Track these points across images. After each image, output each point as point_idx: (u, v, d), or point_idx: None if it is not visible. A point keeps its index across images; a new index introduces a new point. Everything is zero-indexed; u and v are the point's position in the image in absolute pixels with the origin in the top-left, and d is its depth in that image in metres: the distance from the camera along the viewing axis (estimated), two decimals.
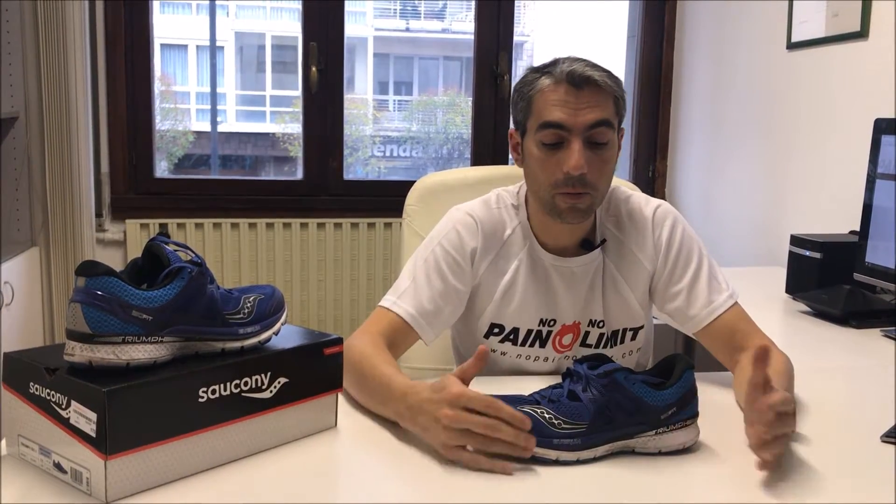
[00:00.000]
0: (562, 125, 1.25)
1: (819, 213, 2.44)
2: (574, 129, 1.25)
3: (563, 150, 1.26)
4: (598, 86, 1.26)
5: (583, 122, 1.25)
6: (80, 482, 0.88)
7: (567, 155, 1.25)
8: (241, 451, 0.99)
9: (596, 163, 1.26)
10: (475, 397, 0.98)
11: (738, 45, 2.90)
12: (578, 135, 1.25)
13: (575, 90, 1.25)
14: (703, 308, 1.32)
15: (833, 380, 1.42)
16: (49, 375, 0.90)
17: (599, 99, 1.26)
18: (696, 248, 1.37)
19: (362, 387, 1.17)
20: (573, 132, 1.25)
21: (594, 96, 1.25)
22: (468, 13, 3.50)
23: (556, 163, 1.27)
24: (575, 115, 1.25)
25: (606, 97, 1.27)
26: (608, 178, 1.31)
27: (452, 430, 0.97)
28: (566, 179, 1.26)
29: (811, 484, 0.97)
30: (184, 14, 3.72)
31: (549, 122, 1.26)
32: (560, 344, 1.40)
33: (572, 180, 1.25)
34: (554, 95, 1.26)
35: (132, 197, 2.99)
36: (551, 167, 1.27)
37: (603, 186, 1.30)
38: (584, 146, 1.25)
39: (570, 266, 1.37)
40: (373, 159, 3.76)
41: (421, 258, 1.37)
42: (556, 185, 1.27)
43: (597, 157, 1.27)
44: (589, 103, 1.25)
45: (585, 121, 1.25)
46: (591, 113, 1.25)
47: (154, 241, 0.96)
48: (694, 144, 3.21)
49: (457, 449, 0.98)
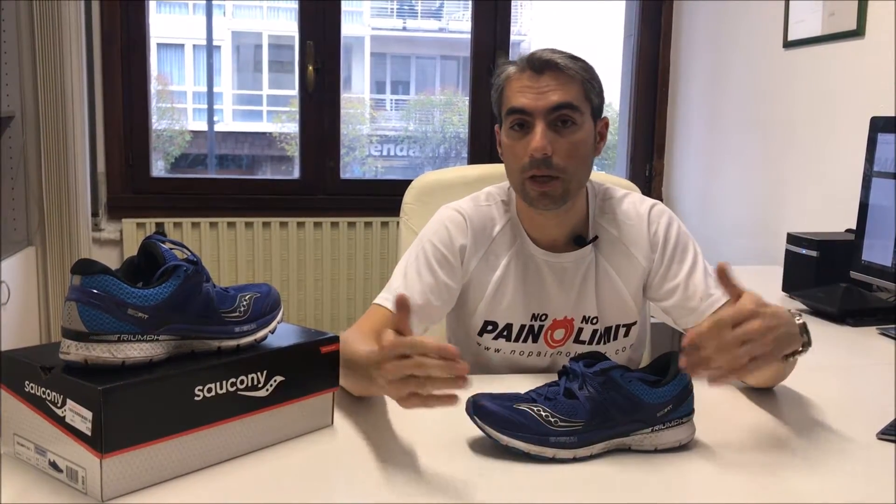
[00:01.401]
0: (523, 110, 1.28)
1: (816, 212, 2.44)
2: (535, 112, 1.27)
3: (528, 134, 1.28)
4: (560, 69, 1.28)
5: (544, 105, 1.27)
6: (75, 481, 0.88)
7: (531, 138, 1.27)
8: (237, 449, 0.99)
9: (563, 145, 1.28)
10: (401, 343, 0.94)
11: (735, 44, 2.90)
12: (541, 118, 1.27)
13: (536, 75, 1.28)
14: (702, 300, 1.33)
15: (830, 378, 1.42)
16: (44, 374, 0.89)
17: (561, 82, 1.28)
18: (690, 245, 1.38)
19: (345, 373, 1.16)
20: (535, 115, 1.27)
21: (555, 79, 1.28)
22: (465, 12, 3.50)
23: (522, 147, 1.29)
24: (536, 99, 1.27)
25: (570, 80, 1.28)
26: (580, 162, 1.31)
27: (396, 382, 0.95)
28: (532, 162, 1.27)
29: (807, 481, 0.97)
30: (180, 13, 3.72)
31: (514, 107, 1.29)
32: (552, 339, 1.40)
33: (537, 162, 1.27)
34: (518, 83, 1.30)
35: (129, 196, 2.99)
36: (518, 152, 1.29)
37: (574, 169, 1.29)
38: (548, 129, 1.27)
39: (562, 261, 1.37)
40: (370, 158, 3.76)
41: (412, 255, 1.38)
42: (524, 169, 1.29)
43: (563, 139, 1.28)
44: (550, 86, 1.27)
45: (547, 103, 1.27)
46: (553, 95, 1.27)
47: (150, 240, 0.96)
48: (691, 143, 3.22)
49: (408, 398, 0.94)
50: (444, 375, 0.92)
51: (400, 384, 0.94)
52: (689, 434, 1.06)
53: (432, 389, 0.93)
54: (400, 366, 0.94)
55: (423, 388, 0.93)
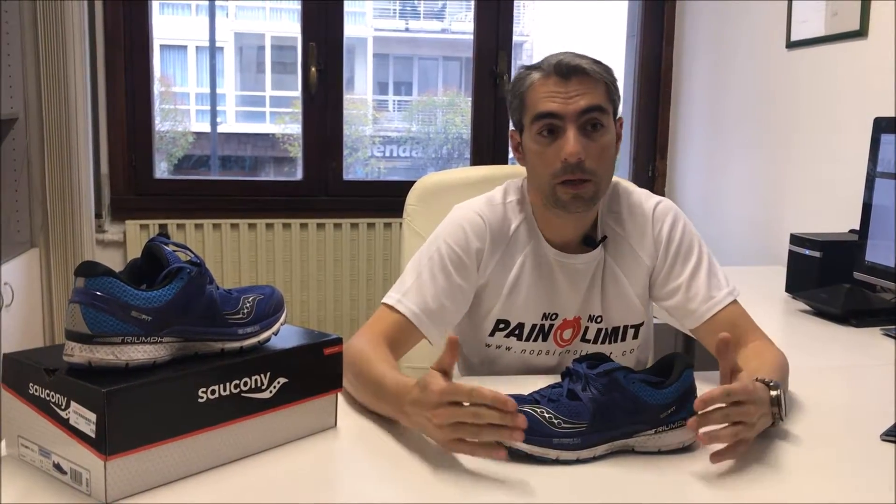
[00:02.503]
0: (555, 114, 1.28)
1: (819, 212, 2.44)
2: (567, 116, 1.27)
3: (558, 139, 1.28)
4: (587, 73, 1.28)
5: (575, 109, 1.27)
6: (79, 483, 0.88)
7: (563, 143, 1.27)
8: (240, 451, 0.99)
9: (593, 149, 1.28)
10: (457, 390, 0.96)
11: (738, 45, 2.90)
12: (572, 122, 1.27)
13: (564, 80, 1.28)
14: (702, 303, 1.33)
15: (833, 379, 1.42)
16: (48, 376, 0.90)
17: (589, 86, 1.28)
18: (696, 244, 1.38)
19: (359, 386, 1.17)
20: (566, 120, 1.27)
21: (583, 84, 1.28)
22: (467, 13, 3.49)
23: (553, 153, 1.28)
24: (566, 104, 1.27)
25: (596, 83, 1.29)
26: (608, 165, 1.32)
27: (445, 427, 0.97)
28: (564, 168, 1.27)
29: (810, 483, 0.97)
30: (183, 15, 3.72)
31: (543, 112, 1.29)
32: (561, 338, 1.40)
33: (570, 167, 1.27)
34: (544, 88, 1.29)
35: (132, 198, 2.99)
36: (549, 158, 1.29)
37: (603, 172, 1.30)
38: (578, 133, 1.27)
39: (574, 263, 1.37)
40: (372, 160, 3.76)
41: (426, 255, 1.37)
42: (556, 174, 1.29)
43: (594, 143, 1.28)
44: (578, 91, 1.28)
45: (577, 107, 1.27)
46: (583, 99, 1.27)
47: (153, 242, 0.96)
48: (694, 144, 3.21)
49: (455, 442, 0.97)
50: (501, 423, 0.93)
51: (450, 430, 0.96)
52: (692, 436, 1.05)
53: (490, 436, 0.95)
54: (452, 413, 0.96)
55: (477, 437, 0.95)
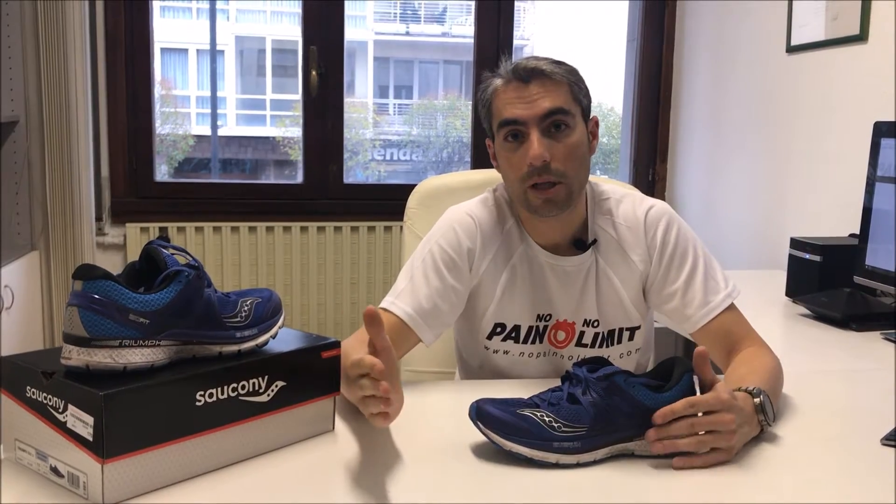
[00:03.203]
0: (516, 120, 1.28)
1: (819, 216, 2.44)
2: (529, 121, 1.28)
3: (524, 143, 1.29)
4: (546, 75, 1.29)
5: (536, 113, 1.27)
6: (77, 486, 0.88)
7: (527, 147, 1.28)
8: (238, 455, 0.99)
9: (559, 150, 1.28)
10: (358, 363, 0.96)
11: (738, 49, 2.90)
12: (535, 126, 1.27)
13: (524, 84, 1.29)
14: (698, 309, 1.32)
15: (833, 383, 1.42)
16: (46, 379, 0.89)
17: (549, 88, 1.28)
18: (691, 247, 1.37)
19: (343, 381, 1.16)
20: (529, 124, 1.28)
21: (544, 86, 1.28)
22: (468, 17, 3.50)
23: (519, 158, 1.29)
24: (527, 108, 1.28)
25: (557, 85, 1.29)
26: (577, 165, 1.31)
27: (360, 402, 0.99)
28: (530, 171, 1.28)
29: (811, 486, 0.97)
30: (184, 18, 3.73)
31: (505, 119, 1.30)
32: (556, 339, 1.40)
33: (537, 170, 1.27)
34: (505, 94, 1.30)
35: (132, 201, 2.99)
36: (516, 163, 1.30)
37: (573, 173, 1.30)
38: (542, 136, 1.27)
39: (563, 265, 1.37)
40: (373, 163, 3.76)
41: (418, 258, 1.37)
42: (524, 179, 1.29)
43: (559, 144, 1.28)
44: (539, 94, 1.28)
45: (539, 111, 1.27)
46: (544, 102, 1.28)
47: (151, 245, 0.96)
48: (694, 148, 3.21)
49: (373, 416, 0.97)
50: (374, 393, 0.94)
51: (362, 404, 0.98)
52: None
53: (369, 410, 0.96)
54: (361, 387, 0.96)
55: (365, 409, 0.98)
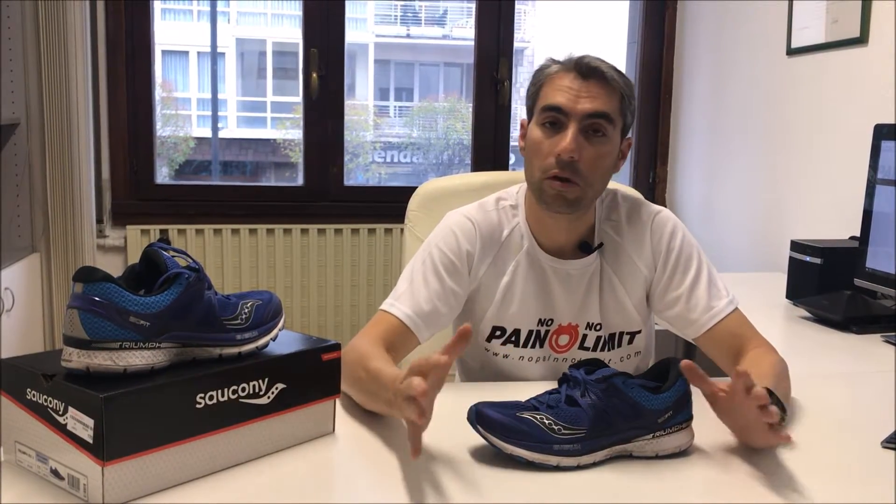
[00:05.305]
0: (561, 109, 1.28)
1: (819, 219, 2.44)
2: (572, 114, 1.27)
3: (559, 133, 1.28)
4: (605, 78, 1.29)
5: (582, 110, 1.27)
6: (77, 489, 0.88)
7: (561, 138, 1.27)
8: (238, 457, 0.99)
9: (589, 153, 1.28)
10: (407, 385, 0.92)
11: (739, 51, 2.90)
12: (576, 121, 1.27)
13: (581, 78, 1.28)
14: (703, 313, 1.32)
15: (834, 385, 1.42)
16: (46, 381, 0.89)
17: (603, 92, 1.28)
18: (695, 254, 1.37)
19: (357, 385, 1.17)
20: (571, 117, 1.27)
21: (598, 87, 1.28)
22: (469, 19, 3.50)
23: (550, 145, 1.29)
24: (576, 102, 1.27)
25: (611, 92, 1.29)
26: (602, 175, 1.31)
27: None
28: (557, 163, 1.27)
29: (810, 489, 0.97)
30: (185, 20, 3.73)
31: (551, 105, 1.29)
32: (557, 344, 1.40)
33: (562, 164, 1.27)
34: (560, 81, 1.30)
35: (133, 203, 2.99)
36: (546, 150, 1.29)
37: (594, 180, 1.30)
38: (579, 133, 1.27)
39: (567, 268, 1.37)
40: (373, 165, 3.76)
41: (419, 261, 1.37)
42: (547, 169, 1.29)
43: (592, 148, 1.28)
44: (591, 93, 1.28)
45: (585, 108, 1.27)
46: (593, 102, 1.27)
47: (152, 247, 0.96)
48: (694, 150, 3.21)
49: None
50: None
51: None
52: (689, 440, 1.06)
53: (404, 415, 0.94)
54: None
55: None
